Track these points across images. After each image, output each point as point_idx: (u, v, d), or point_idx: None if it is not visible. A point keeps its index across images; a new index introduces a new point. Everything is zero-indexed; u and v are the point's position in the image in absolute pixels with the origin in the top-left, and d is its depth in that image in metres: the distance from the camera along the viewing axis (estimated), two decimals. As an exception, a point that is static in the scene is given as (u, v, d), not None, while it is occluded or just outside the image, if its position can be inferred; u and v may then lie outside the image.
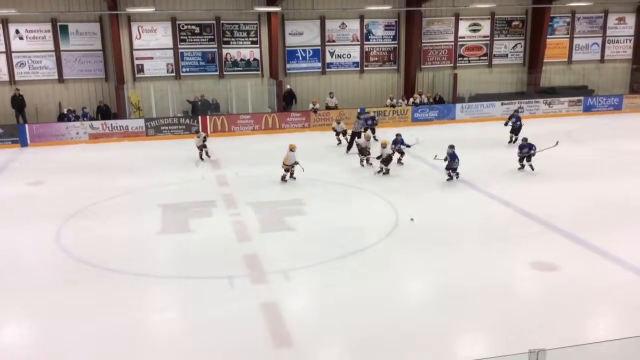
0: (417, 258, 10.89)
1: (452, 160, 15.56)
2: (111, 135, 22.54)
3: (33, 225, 12.90)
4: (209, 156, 19.21)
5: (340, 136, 21.16)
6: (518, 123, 20.61)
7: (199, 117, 23.48)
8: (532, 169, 16.15)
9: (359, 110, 22.84)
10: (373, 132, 21.37)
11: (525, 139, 16.36)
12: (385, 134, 20.13)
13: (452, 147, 15.66)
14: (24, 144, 21.83)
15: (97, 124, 22.63)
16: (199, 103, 24.67)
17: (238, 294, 9.52)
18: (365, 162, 17.69)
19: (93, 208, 14.21)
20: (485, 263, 10.51)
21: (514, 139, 20.29)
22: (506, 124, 20.96)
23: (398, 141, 17.85)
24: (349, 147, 20.17)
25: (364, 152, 17.75)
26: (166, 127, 23.13)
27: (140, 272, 10.41)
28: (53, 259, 11.15)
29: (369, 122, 21.77)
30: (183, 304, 9.36)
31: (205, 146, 19.18)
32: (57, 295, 9.55)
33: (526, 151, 16.17)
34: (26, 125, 22.22)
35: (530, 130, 21.65)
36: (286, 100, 25.38)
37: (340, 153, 19.97)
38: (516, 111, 21.35)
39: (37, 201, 14.92)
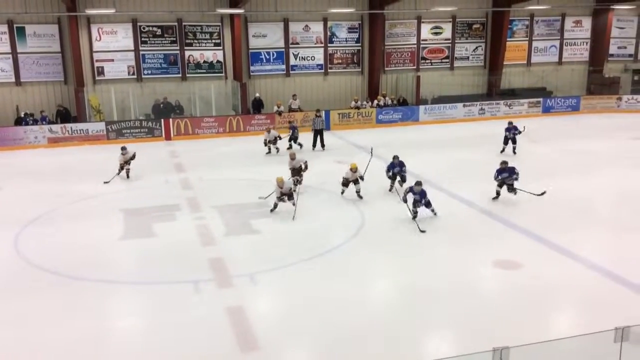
0: (383, 259, 10.96)
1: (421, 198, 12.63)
2: (71, 139, 22.04)
3: (-11, 232, 12.51)
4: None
5: (271, 145, 20.11)
6: (516, 132, 18.87)
7: (162, 120, 23.16)
8: (515, 193, 13.79)
9: (317, 109, 22.63)
10: (295, 140, 20.55)
11: (504, 162, 13.84)
12: (350, 135, 20.21)
13: (419, 184, 12.71)
14: (-21, 148, 21.18)
15: (57, 127, 22.11)
16: (162, 106, 24.34)
17: (204, 298, 9.42)
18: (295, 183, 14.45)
19: (53, 214, 13.86)
20: (450, 263, 10.64)
21: (512, 149, 18.88)
22: (506, 142, 19.04)
23: (395, 164, 15.04)
24: (314, 145, 20.87)
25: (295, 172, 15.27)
26: (128, 131, 22.74)
27: (104, 278, 10.19)
28: (13, 266, 10.82)
29: (292, 131, 20.75)
30: (148, 309, 9.21)
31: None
32: (19, 303, 9.27)
33: (506, 176, 13.69)
34: (-19, 130, 21.56)
35: (491, 130, 22.06)
36: (254, 107, 25.22)
37: (304, 157, 19.91)
38: (510, 123, 19.10)
39: (-7, 208, 14.48)
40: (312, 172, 17.33)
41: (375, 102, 26.21)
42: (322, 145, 21.04)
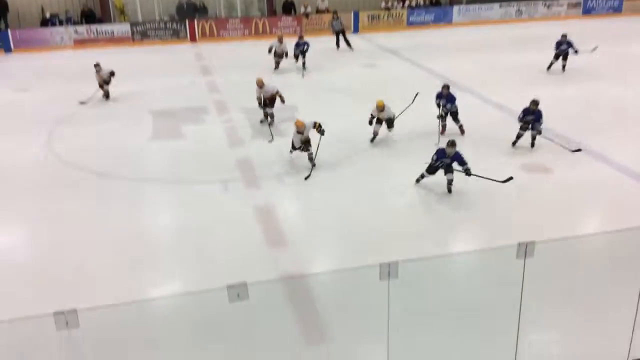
0: (411, 161, 10.87)
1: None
2: (96, 41, 21.86)
3: (23, 132, 12.74)
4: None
5: (279, 60, 18.08)
6: (569, 48, 16.36)
7: (187, 22, 22.70)
8: (532, 145, 11.25)
9: (334, 11, 21.79)
10: (304, 55, 17.92)
11: (535, 103, 10.97)
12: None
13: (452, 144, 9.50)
14: (7, 50, 21.18)
15: (82, 29, 21.87)
16: (185, 6, 23.76)
17: (232, 197, 9.59)
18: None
19: (83, 115, 14.01)
20: (478, 164, 10.52)
21: (562, 66, 16.60)
22: (556, 58, 16.57)
23: (443, 95, 11.83)
24: (337, 45, 20.72)
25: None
26: (153, 32, 22.41)
27: (134, 177, 10.40)
28: (46, 165, 11.09)
29: (302, 47, 17.96)
30: (178, 207, 9.43)
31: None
32: (52, 201, 9.56)
33: (531, 119, 11.00)
34: (9, 31, 21.45)
35: (529, 33, 21.15)
36: (285, 10, 24.40)
37: (334, 57, 19.54)
38: (563, 36, 16.37)
39: (25, 108, 14.67)
40: (338, 76, 17.02)
41: (407, 2, 25.16)
42: (348, 44, 20.53)
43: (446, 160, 9.18)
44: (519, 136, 11.23)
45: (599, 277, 6.72)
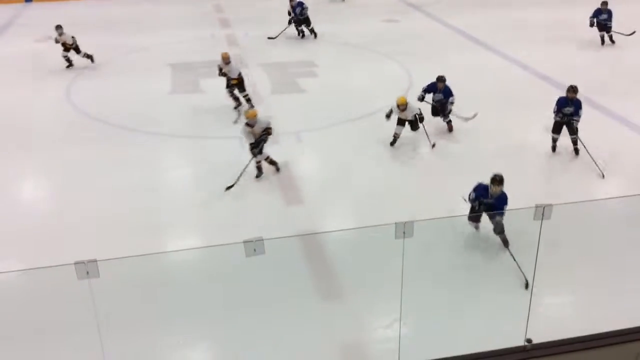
0: (427, 122, 10.78)
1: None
2: (119, -9, 21.62)
3: (44, 83, 12.82)
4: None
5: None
6: (609, 21, 14.48)
7: (207, -28, 22.27)
8: (575, 143, 9.22)
9: None
10: (307, 24, 15.88)
11: (573, 90, 9.05)
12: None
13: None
14: (27, -1, 21.11)
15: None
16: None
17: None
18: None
19: (103, 66, 14.01)
20: (499, 127, 10.41)
21: (609, 37, 14.76)
22: (592, 25, 14.63)
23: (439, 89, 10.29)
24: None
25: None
26: (173, -17, 22.03)
27: (154, 130, 10.46)
28: (66, 116, 11.19)
29: (298, 10, 15.47)
30: (196, 161, 9.50)
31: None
32: (72, 152, 9.68)
33: (570, 112, 8.98)
34: (28, -20, 21.31)
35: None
36: None
37: (350, 13, 19.16)
38: (604, 3, 14.26)
39: (46, 59, 14.67)
40: (355, 32, 16.69)
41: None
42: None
43: (489, 201, 6.77)
44: (554, 140, 9.38)
45: (616, 240, 6.71)
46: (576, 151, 9.25)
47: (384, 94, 12.01)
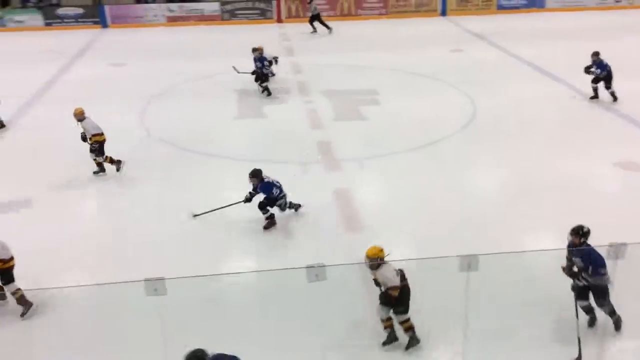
0: (492, 151, 10.61)
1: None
2: (187, 19, 22.56)
3: (117, 105, 13.37)
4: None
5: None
6: (604, 72, 12.50)
7: (273, 2, 22.96)
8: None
9: None
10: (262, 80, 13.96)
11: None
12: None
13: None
14: (104, 25, 22.26)
15: (174, 6, 22.64)
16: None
17: (311, 179, 9.71)
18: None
19: (173, 91, 14.55)
20: (562, 158, 10.12)
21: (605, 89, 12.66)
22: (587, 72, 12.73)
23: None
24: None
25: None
26: (241, 12, 22.84)
27: (217, 153, 10.74)
28: (135, 137, 11.63)
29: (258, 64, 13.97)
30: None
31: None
32: (139, 171, 10.04)
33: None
34: (106, 7, 22.51)
35: (628, 21, 19.88)
36: None
37: (417, 44, 19.20)
38: (596, 54, 12.59)
39: (119, 82, 15.41)
40: (420, 61, 16.67)
41: (498, -15, 24.18)
42: (324, 26, 20.49)
43: (578, 263, 5.76)
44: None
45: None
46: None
47: (447, 123, 11.95)
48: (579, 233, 5.63)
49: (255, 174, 8.06)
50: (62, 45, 19.49)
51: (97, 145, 9.73)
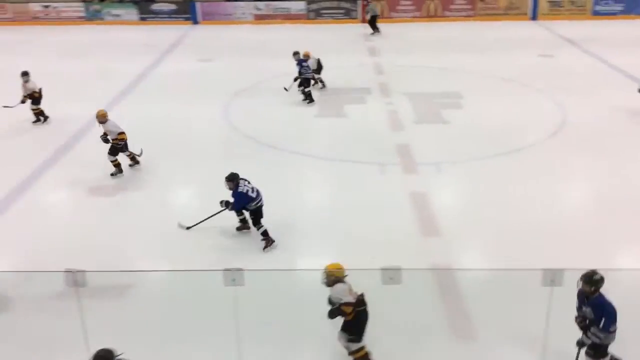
0: (579, 162, 10.17)
1: None
2: (274, 17, 23.00)
3: (204, 99, 13.87)
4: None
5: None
6: None
7: (359, 2, 23.00)
8: None
9: None
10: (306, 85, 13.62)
11: None
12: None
13: None
14: (195, 21, 23.07)
15: (262, 5, 23.14)
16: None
17: (389, 180, 9.67)
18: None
19: (257, 87, 14.90)
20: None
21: None
22: None
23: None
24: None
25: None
26: (326, 11, 23.03)
27: (297, 150, 10.89)
28: (221, 132, 12.02)
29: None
30: (335, 184, 9.72)
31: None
32: (224, 164, 10.25)
33: None
34: (197, 4, 23.32)
35: None
36: None
37: (505, 47, 18.67)
38: None
39: (207, 77, 15.94)
40: (507, 65, 16.23)
41: (594, -11, 23.10)
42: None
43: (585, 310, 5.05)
44: None
45: None
46: None
47: (533, 130, 11.57)
48: (591, 280, 4.81)
49: (231, 178, 7.68)
50: (155, 39, 20.40)
51: (122, 143, 9.76)
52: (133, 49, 19.13)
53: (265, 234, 7.67)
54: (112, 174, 9.86)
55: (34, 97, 12.12)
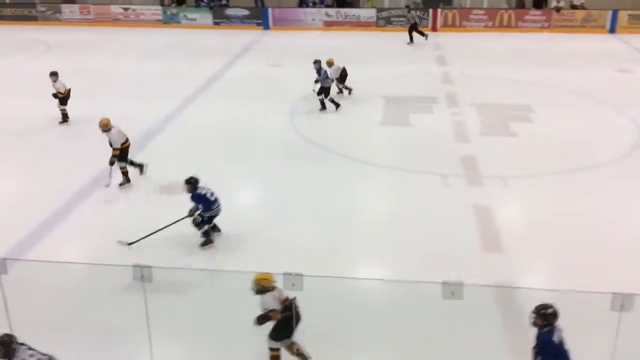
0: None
1: None
2: (344, 24, 23.13)
3: (270, 103, 14.10)
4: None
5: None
6: None
7: (430, 10, 22.81)
8: None
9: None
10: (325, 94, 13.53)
11: None
12: None
13: None
14: (266, 26, 23.51)
15: (332, 11, 23.33)
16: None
17: (451, 192, 9.53)
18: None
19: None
20: None
21: None
22: None
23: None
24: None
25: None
26: (396, 19, 22.95)
27: (359, 157, 10.89)
28: (285, 135, 12.19)
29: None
30: (396, 193, 9.68)
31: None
32: (288, 168, 10.51)
33: None
34: (269, 9, 23.76)
35: None
36: (535, 4, 23.22)
37: (580, 61, 18.04)
38: None
39: (275, 81, 16.22)
40: (582, 80, 15.69)
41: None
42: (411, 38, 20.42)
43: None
44: None
45: None
46: None
47: (606, 148, 11.14)
48: (540, 313, 4.83)
49: (189, 181, 7.64)
50: (227, 43, 20.94)
51: (115, 159, 9.38)
52: (206, 52, 19.71)
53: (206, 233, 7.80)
54: (120, 184, 9.56)
55: (62, 97, 12.40)
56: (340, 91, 14.40)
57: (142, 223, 8.53)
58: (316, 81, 13.38)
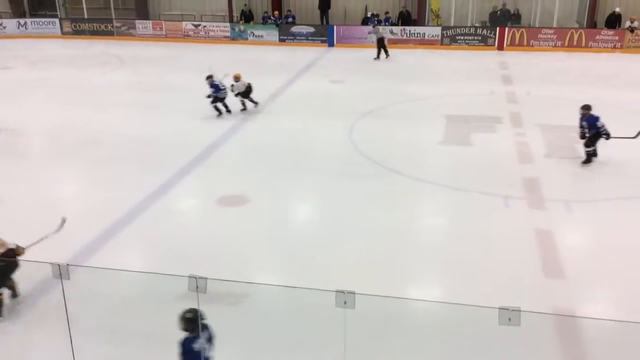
0: None
1: None
2: (407, 42, 23.11)
3: (331, 119, 14.23)
4: None
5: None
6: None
7: (497, 29, 22.46)
8: None
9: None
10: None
11: None
12: None
13: None
14: (330, 44, 23.79)
15: (397, 29, 23.36)
16: (499, 13, 23.51)
17: (513, 215, 9.29)
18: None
19: (384, 110, 15.02)
20: None
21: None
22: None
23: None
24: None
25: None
26: (462, 37, 22.74)
27: (418, 176, 10.80)
28: (345, 151, 12.23)
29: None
30: (453, 213, 9.53)
31: None
32: (345, 184, 10.54)
33: None
34: (334, 27, 24.04)
35: None
36: (608, 24, 22.47)
37: (627, 73, 17.30)
38: None
39: (336, 98, 16.37)
40: (626, 95, 14.91)
41: None
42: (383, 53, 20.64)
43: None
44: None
45: None
46: None
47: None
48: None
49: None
50: (292, 59, 21.31)
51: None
52: (270, 68, 20.13)
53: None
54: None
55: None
56: (243, 105, 14.73)
57: (201, 233, 8.77)
58: (208, 96, 14.07)
